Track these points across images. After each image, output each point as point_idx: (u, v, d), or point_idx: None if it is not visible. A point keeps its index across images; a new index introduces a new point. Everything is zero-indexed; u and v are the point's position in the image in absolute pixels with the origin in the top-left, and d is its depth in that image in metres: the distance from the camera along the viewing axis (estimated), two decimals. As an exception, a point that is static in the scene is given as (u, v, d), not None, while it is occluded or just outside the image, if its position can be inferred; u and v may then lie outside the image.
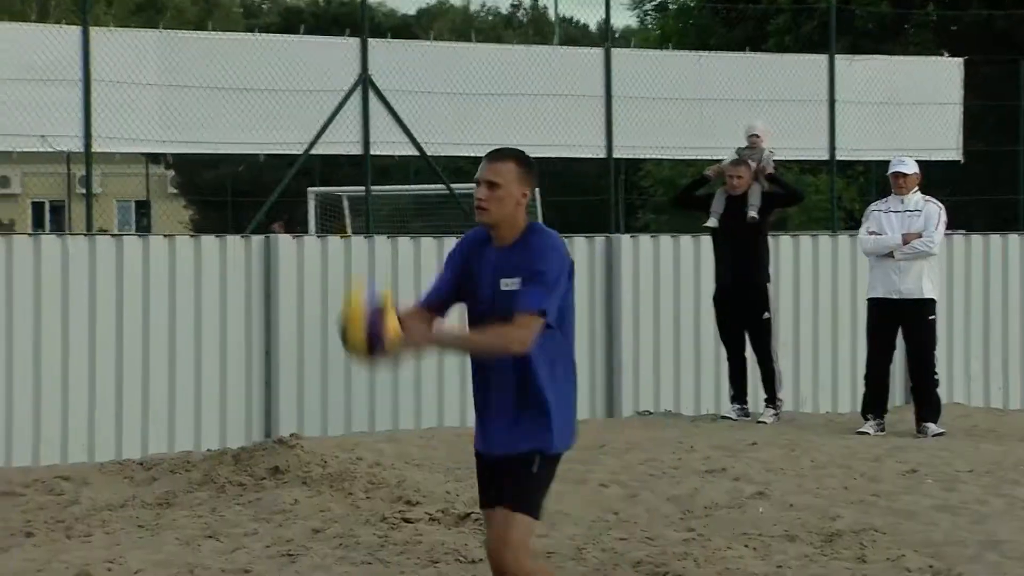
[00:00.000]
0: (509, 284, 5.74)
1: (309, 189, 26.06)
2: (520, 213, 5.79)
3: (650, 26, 38.62)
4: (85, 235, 12.84)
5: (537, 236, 5.78)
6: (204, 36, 18.20)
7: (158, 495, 9.63)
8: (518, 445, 5.72)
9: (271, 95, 16.12)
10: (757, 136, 13.71)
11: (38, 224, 41.58)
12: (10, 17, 30.46)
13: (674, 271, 14.11)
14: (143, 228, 40.39)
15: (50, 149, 16.01)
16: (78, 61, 15.19)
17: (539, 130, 16.97)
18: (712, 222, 13.27)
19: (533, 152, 19.17)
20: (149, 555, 8.22)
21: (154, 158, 35.37)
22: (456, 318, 5.95)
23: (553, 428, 5.74)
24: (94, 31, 15.53)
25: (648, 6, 38.40)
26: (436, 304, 5.91)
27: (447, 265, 5.98)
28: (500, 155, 5.84)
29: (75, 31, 15.63)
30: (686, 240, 14.18)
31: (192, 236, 13.24)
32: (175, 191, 43.36)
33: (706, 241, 13.61)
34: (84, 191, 19.98)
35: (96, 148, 15.57)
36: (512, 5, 66.12)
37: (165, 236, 12.87)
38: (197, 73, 15.92)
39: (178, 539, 8.58)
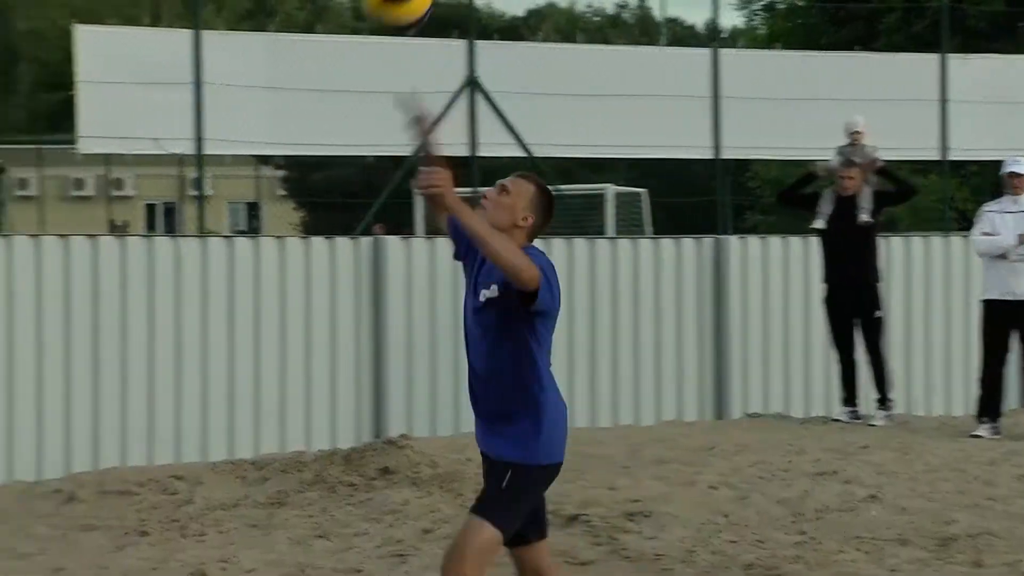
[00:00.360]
0: (488, 293, 5.68)
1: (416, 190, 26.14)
2: (516, 236, 5.67)
3: (758, 26, 38.40)
4: (197, 236, 12.97)
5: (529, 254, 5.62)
6: (313, 39, 18.32)
7: (270, 495, 9.70)
8: (500, 452, 5.64)
9: (379, 97, 16.16)
10: (859, 132, 13.58)
11: (151, 226, 42.07)
12: (123, 21, 30.76)
13: (783, 272, 14.01)
14: (253, 230, 40.75)
15: (163, 152, 16.21)
16: (190, 64, 15.36)
17: (646, 131, 16.94)
18: (820, 223, 13.15)
19: (640, 153, 19.21)
20: (262, 555, 8.29)
21: (264, 160, 35.71)
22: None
23: (537, 440, 5.62)
24: (205, 35, 15.69)
25: (756, 6, 38.18)
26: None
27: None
28: (526, 175, 5.87)
29: (187, 35, 15.80)
30: (795, 241, 14.07)
31: (302, 238, 13.33)
32: (284, 193, 43.67)
33: (815, 242, 13.49)
34: (196, 193, 20.20)
35: (207, 151, 15.75)
36: (618, 5, 65.98)
37: (276, 238, 12.96)
38: (306, 76, 16.06)
39: (290, 539, 8.65)
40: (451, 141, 16.73)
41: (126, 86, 15.36)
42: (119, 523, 9.15)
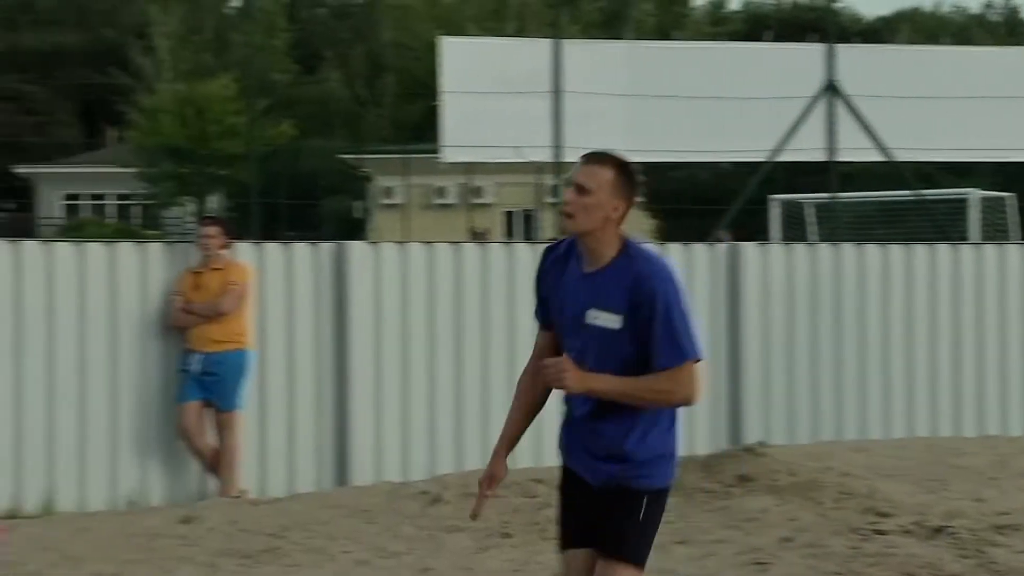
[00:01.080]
0: (599, 319, 5.13)
1: (771, 196, 26.00)
2: (611, 229, 5.14)
3: None
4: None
5: (643, 264, 5.11)
6: (669, 46, 18.31)
7: (628, 499, 9.75)
8: (625, 480, 5.24)
9: (735, 102, 16.15)
10: None
11: (509, 232, 42.80)
12: (485, 32, 31.46)
13: None
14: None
15: (523, 160, 16.51)
16: (549, 74, 15.61)
17: (1012, 133, 16.46)
18: None
19: (1006, 156, 18.66)
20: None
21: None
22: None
23: (670, 460, 5.29)
24: (565, 44, 15.91)
25: None
26: (550, 324, 5.37)
27: (535, 289, 5.43)
28: (598, 159, 5.21)
29: (546, 44, 16.05)
30: None
31: (659, 244, 13.38)
32: (639, 199, 43.87)
33: None
34: (553, 200, 20.49)
35: (566, 158, 15.97)
36: (984, 5, 64.22)
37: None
38: (662, 82, 16.11)
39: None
40: (808, 146, 16.58)
41: (488, 96, 15.69)
42: (482, 525, 9.31)
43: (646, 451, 5.19)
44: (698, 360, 5.09)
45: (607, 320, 5.10)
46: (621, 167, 5.19)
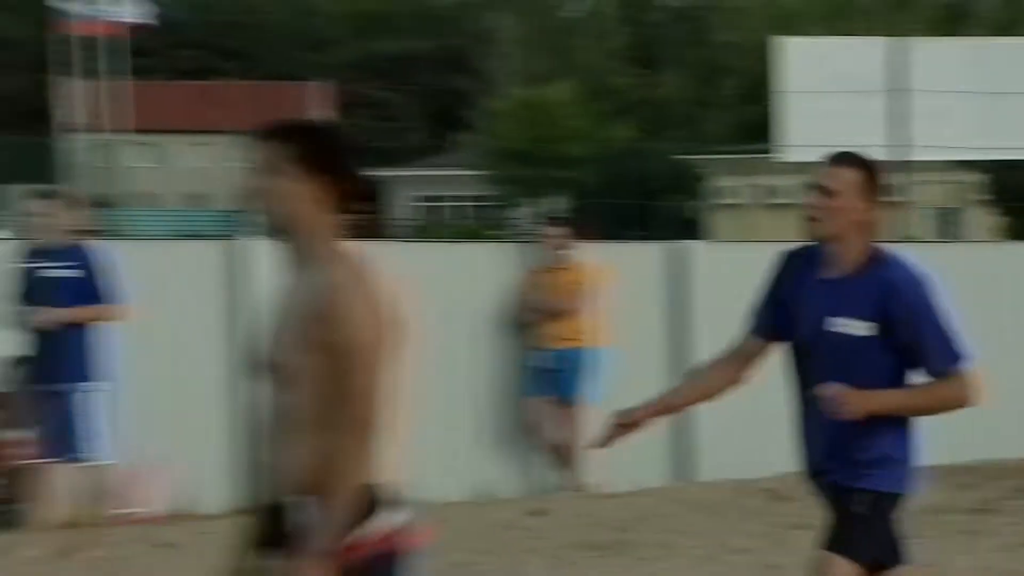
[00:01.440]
0: (846, 327, 4.92)
1: None
2: (858, 234, 4.93)
3: None
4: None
5: (896, 271, 4.91)
6: (1016, 43, 17.95)
7: (976, 501, 9.64)
8: (859, 481, 5.03)
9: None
10: None
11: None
12: (824, 30, 31.18)
13: None
14: (950, 235, 40.21)
15: (864, 159, 16.42)
16: (889, 72, 15.46)
17: None
18: None
19: None
20: (969, 561, 8.27)
21: (966, 165, 35.24)
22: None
23: (903, 466, 5.06)
24: (909, 42, 15.76)
25: None
26: (769, 333, 5.20)
27: (765, 291, 5.24)
28: (843, 159, 4.98)
29: (886, 43, 15.91)
30: None
31: (999, 243, 13.10)
32: (985, 197, 42.81)
33: None
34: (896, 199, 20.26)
35: (908, 156, 15.80)
36: None
37: (971, 243, 12.82)
38: (1010, 79, 15.81)
39: (998, 546, 8.58)
40: None
41: (825, 95, 15.64)
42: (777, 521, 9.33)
43: (869, 453, 5.03)
44: (969, 362, 4.96)
45: (854, 328, 4.93)
46: (868, 168, 5.01)
